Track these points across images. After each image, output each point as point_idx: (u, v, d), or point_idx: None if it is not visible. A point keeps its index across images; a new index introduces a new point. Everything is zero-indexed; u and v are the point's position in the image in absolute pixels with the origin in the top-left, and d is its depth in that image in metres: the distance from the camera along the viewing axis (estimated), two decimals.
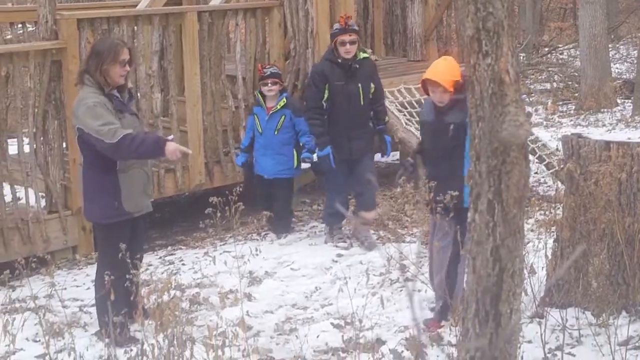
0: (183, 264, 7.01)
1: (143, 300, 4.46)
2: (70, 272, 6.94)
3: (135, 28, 7.62)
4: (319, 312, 5.87)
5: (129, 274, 4.63)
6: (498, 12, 2.85)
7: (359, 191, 7.21)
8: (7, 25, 8.93)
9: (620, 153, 5.10)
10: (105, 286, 4.43)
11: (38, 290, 5.54)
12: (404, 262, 6.39)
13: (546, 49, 18.36)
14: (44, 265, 4.70)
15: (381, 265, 6.57)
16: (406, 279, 6.14)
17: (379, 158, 7.85)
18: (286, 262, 6.89)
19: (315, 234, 7.67)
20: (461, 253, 4.69)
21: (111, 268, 4.76)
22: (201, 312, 5.75)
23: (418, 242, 7.02)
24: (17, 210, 7.02)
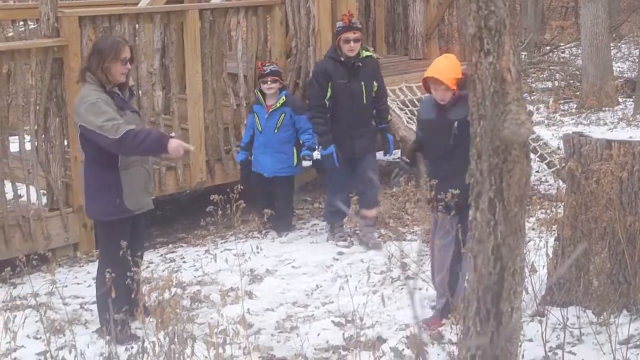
0: (184, 262, 7.01)
1: (144, 297, 4.45)
2: (71, 270, 6.94)
3: (136, 26, 7.62)
4: (320, 310, 5.87)
5: (130, 272, 4.63)
6: (500, 11, 2.85)
7: (362, 189, 7.20)
8: (9, 22, 8.93)
9: (621, 152, 5.09)
10: (106, 284, 4.44)
11: (39, 287, 5.56)
12: (405, 261, 6.39)
13: (548, 48, 18.35)
14: (45, 262, 4.70)
15: (382, 263, 6.57)
16: (407, 277, 6.14)
17: (382, 156, 7.84)
18: (287, 260, 6.89)
19: (316, 232, 7.67)
20: (462, 251, 4.68)
21: (112, 265, 4.77)
22: (202, 310, 5.75)
23: (419, 241, 7.02)
24: (19, 207, 7.02)
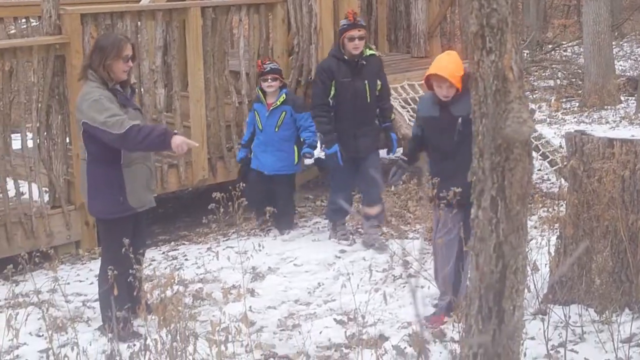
0: (186, 259, 7.01)
1: (146, 295, 4.46)
2: (73, 267, 6.94)
3: (138, 23, 7.62)
4: (322, 308, 5.87)
5: (132, 269, 4.64)
6: (502, 9, 2.85)
7: (365, 188, 7.19)
8: (11, 19, 8.92)
9: (623, 150, 5.09)
10: (108, 281, 4.45)
11: (41, 284, 5.57)
12: (407, 259, 6.40)
13: (550, 46, 18.33)
14: (47, 260, 4.71)
15: (384, 261, 6.57)
16: (409, 275, 6.14)
17: (385, 155, 7.83)
18: (289, 258, 6.89)
19: (318, 230, 7.67)
20: (464, 249, 4.69)
21: (114, 263, 4.78)
22: (204, 308, 5.75)
23: (421, 239, 7.02)
24: (21, 205, 7.02)
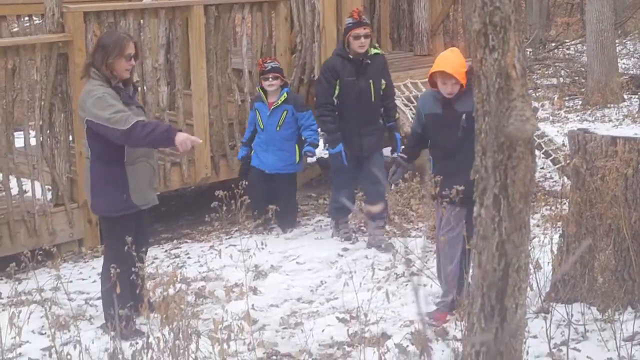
0: (189, 258, 7.02)
1: (149, 293, 4.47)
2: (76, 265, 6.95)
3: (141, 21, 7.62)
4: (325, 306, 5.87)
5: (135, 267, 4.64)
6: (505, 7, 2.85)
7: (368, 187, 7.18)
8: (14, 17, 8.93)
9: (626, 148, 5.09)
10: (111, 279, 4.45)
11: (44, 283, 5.56)
12: (410, 257, 6.39)
13: (553, 44, 18.32)
14: (50, 258, 4.70)
15: (387, 259, 6.56)
16: (412, 274, 6.15)
17: (389, 154, 7.82)
18: (292, 256, 6.89)
19: (321, 228, 7.67)
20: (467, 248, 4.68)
21: (117, 261, 4.79)
22: (207, 306, 5.75)
23: (424, 237, 7.01)
24: (24, 203, 7.03)
